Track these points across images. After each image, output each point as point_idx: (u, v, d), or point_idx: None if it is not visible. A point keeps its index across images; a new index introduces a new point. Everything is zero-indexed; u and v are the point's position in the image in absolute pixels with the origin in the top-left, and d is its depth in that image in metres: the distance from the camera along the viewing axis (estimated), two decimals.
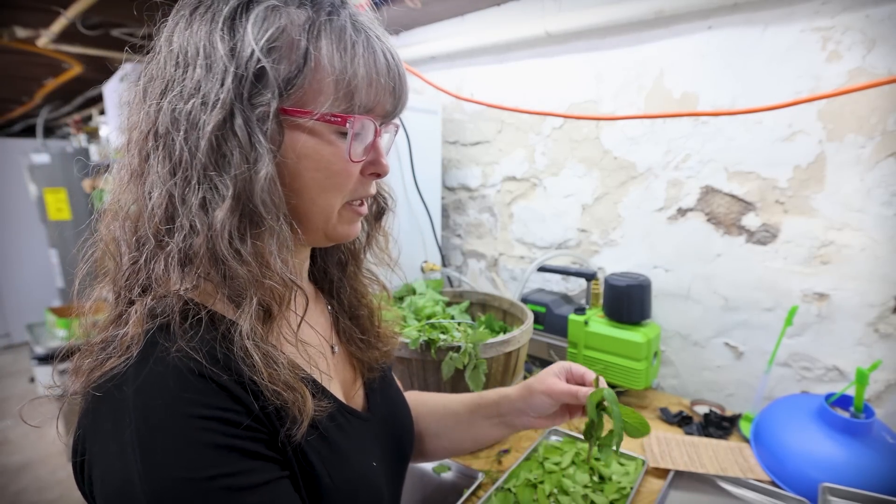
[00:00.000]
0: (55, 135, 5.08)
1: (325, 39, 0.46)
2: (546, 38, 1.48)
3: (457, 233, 1.97)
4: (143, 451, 0.39)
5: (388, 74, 0.49)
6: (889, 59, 1.01)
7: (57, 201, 3.63)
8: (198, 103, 0.44)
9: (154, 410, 0.40)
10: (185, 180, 0.44)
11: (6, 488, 2.63)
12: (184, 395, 0.41)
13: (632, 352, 1.23)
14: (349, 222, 0.55)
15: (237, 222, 0.44)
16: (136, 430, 0.40)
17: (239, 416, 0.43)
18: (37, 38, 2.04)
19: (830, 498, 0.86)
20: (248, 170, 0.44)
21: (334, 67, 0.46)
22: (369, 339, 0.69)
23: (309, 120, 0.46)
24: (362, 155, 0.51)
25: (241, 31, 0.44)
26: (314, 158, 0.48)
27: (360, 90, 0.47)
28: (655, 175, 1.37)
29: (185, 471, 0.39)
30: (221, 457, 0.41)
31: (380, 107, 0.50)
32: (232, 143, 0.44)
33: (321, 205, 0.51)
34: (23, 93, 3.38)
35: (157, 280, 0.46)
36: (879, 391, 1.11)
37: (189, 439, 0.40)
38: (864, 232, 1.08)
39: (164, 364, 0.42)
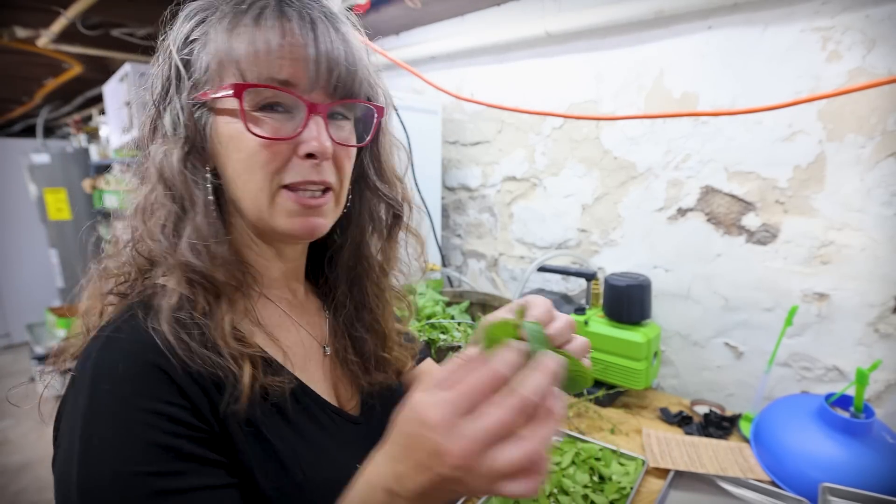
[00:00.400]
0: (55, 135, 5.08)
1: (220, 25, 0.48)
2: (546, 38, 1.48)
3: (457, 233, 1.97)
4: (84, 434, 0.40)
5: (283, 40, 0.47)
6: (889, 59, 1.01)
7: (57, 201, 3.64)
8: (148, 101, 0.51)
9: (100, 396, 0.42)
10: (139, 174, 0.52)
11: (6, 488, 2.63)
12: (131, 384, 0.42)
13: (632, 352, 1.23)
14: (291, 214, 0.51)
15: (159, 206, 0.49)
16: (83, 413, 0.41)
17: (184, 413, 0.43)
18: (37, 38, 2.05)
19: (830, 498, 0.86)
20: (161, 156, 0.49)
21: (224, 48, 0.48)
22: (367, 363, 0.65)
23: (210, 100, 0.49)
24: (290, 133, 0.49)
25: (172, 32, 0.51)
26: (236, 139, 0.49)
27: (241, 59, 0.47)
28: (655, 175, 1.37)
29: (115, 462, 0.40)
30: (154, 454, 0.41)
31: (293, 77, 0.48)
32: (159, 132, 0.51)
33: (251, 188, 0.50)
34: (23, 93, 3.38)
35: (129, 263, 0.51)
36: (879, 391, 1.11)
37: (126, 431, 0.41)
38: (864, 232, 1.08)
39: (118, 349, 0.44)
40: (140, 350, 0.44)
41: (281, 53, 0.47)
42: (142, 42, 2.14)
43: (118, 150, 2.80)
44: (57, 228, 3.69)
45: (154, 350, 0.44)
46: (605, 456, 1.01)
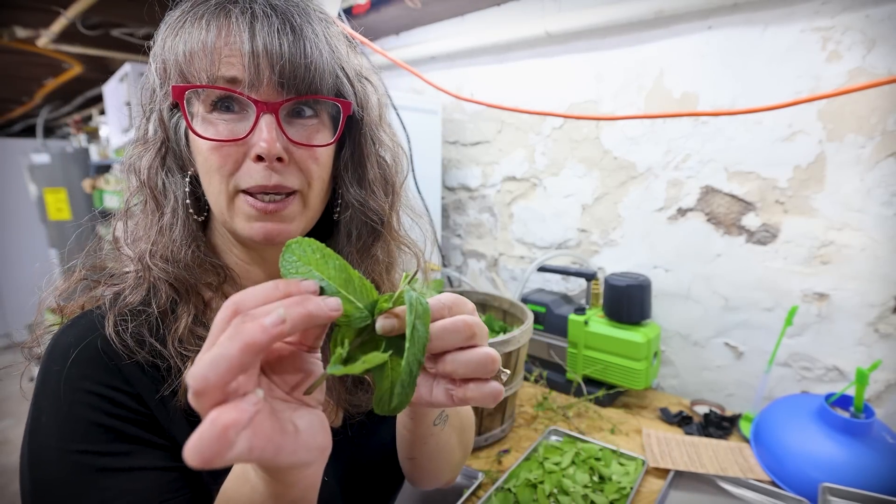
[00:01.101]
0: (55, 135, 5.08)
1: (165, 26, 0.49)
2: (546, 38, 1.48)
3: (457, 233, 1.97)
4: (34, 412, 0.44)
5: (228, 40, 0.45)
6: (889, 59, 1.01)
7: (57, 201, 3.63)
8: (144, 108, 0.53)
9: (50, 376, 0.45)
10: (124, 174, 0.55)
11: (6, 488, 2.63)
12: (79, 367, 0.45)
13: (632, 352, 1.23)
14: (247, 217, 0.49)
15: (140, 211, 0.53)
16: (35, 392, 0.45)
17: (128, 399, 0.46)
18: (37, 38, 2.04)
19: (830, 498, 0.86)
20: (137, 159, 0.52)
21: (167, 48, 0.48)
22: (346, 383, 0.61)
23: (167, 107, 0.50)
24: (241, 134, 0.46)
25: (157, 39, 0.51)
26: (194, 143, 0.50)
27: (179, 63, 0.47)
28: (655, 175, 1.37)
29: (60, 440, 0.43)
30: (97, 434, 0.43)
31: (241, 74, 0.45)
32: (143, 138, 0.53)
33: (211, 191, 0.50)
34: (23, 93, 3.38)
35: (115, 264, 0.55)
36: (879, 391, 1.11)
37: (71, 411, 0.43)
38: (864, 232, 1.08)
39: (72, 335, 0.47)
40: (92, 336, 0.46)
41: (217, 51, 0.45)
42: (142, 42, 2.14)
43: (118, 150, 2.79)
44: (57, 228, 3.69)
45: (103, 338, 0.47)
46: (605, 456, 1.01)
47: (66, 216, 3.68)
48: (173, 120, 0.51)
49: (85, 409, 0.43)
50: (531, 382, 1.40)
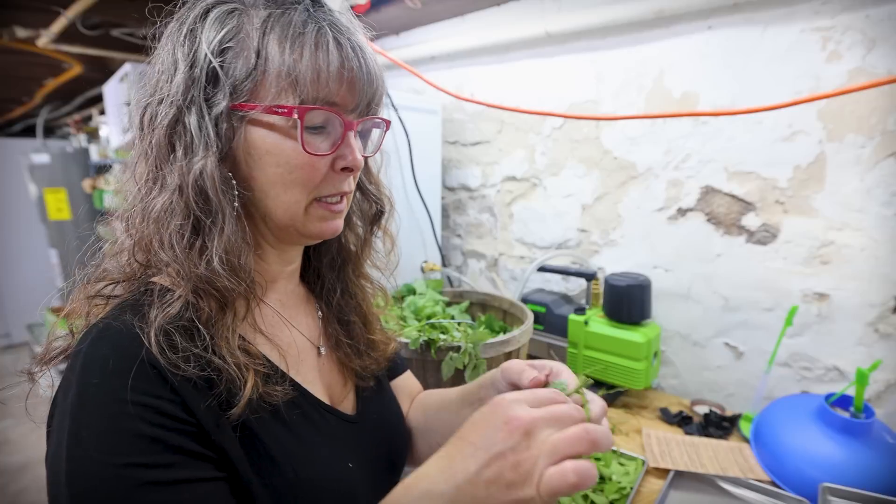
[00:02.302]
0: (55, 135, 5.08)
1: (273, 34, 0.47)
2: (546, 38, 1.48)
3: (457, 233, 1.97)
4: (72, 426, 0.41)
5: (342, 66, 0.49)
6: (889, 59, 1.01)
7: (57, 201, 3.64)
8: (160, 105, 0.48)
9: (89, 388, 0.42)
10: (146, 176, 0.49)
11: (6, 488, 2.63)
12: (120, 378, 0.42)
13: (632, 352, 1.23)
14: (322, 219, 0.54)
15: (179, 216, 0.47)
16: (72, 404, 0.42)
17: (173, 407, 0.44)
18: (37, 38, 2.04)
19: (830, 498, 0.86)
20: (187, 164, 0.47)
21: (275, 60, 0.47)
22: (358, 345, 0.68)
23: (258, 113, 0.48)
24: (329, 149, 0.51)
25: (198, 35, 0.48)
26: (275, 153, 0.49)
27: (304, 81, 0.47)
28: (655, 175, 1.37)
29: (102, 453, 0.40)
30: (142, 446, 0.41)
31: (341, 99, 0.50)
32: (182, 139, 0.48)
33: (286, 200, 0.51)
34: (23, 93, 3.38)
35: (124, 269, 0.51)
36: (879, 391, 1.11)
37: (113, 422, 0.41)
38: (864, 232, 1.08)
39: (107, 345, 0.44)
40: (129, 345, 0.44)
41: (339, 78, 0.49)
42: (142, 42, 2.14)
43: (118, 150, 2.80)
44: (57, 228, 3.69)
45: (143, 346, 0.44)
46: (605, 456, 1.01)
47: (66, 216, 3.68)
48: (234, 125, 0.48)
49: (129, 420, 0.41)
50: None
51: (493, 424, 0.42)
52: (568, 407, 0.44)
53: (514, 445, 0.40)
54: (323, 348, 0.66)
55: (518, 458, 0.40)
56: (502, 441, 0.41)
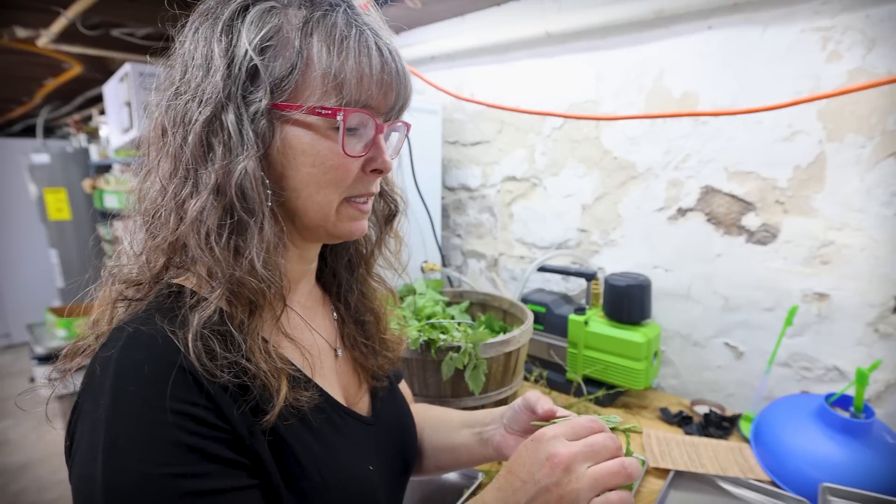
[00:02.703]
0: (55, 135, 5.08)
1: (316, 36, 0.47)
2: (546, 38, 1.48)
3: (457, 233, 1.97)
4: (108, 435, 0.40)
5: (382, 70, 0.49)
6: (889, 59, 1.01)
7: (57, 201, 3.64)
8: (193, 101, 0.46)
9: (126, 396, 0.41)
10: (177, 175, 0.47)
11: (6, 488, 2.63)
12: (157, 385, 0.41)
13: (632, 352, 1.23)
14: (352, 219, 0.55)
15: (216, 216, 0.46)
16: (107, 413, 0.40)
17: (208, 414, 0.43)
18: (37, 38, 2.05)
19: (830, 498, 0.86)
20: (227, 164, 0.46)
21: (321, 62, 0.47)
22: (374, 345, 0.69)
23: (299, 113, 0.47)
24: (362, 151, 0.51)
25: (237, 32, 0.47)
26: (310, 154, 0.49)
27: (349, 84, 0.47)
28: (655, 175, 1.37)
29: (141, 463, 0.39)
30: (181, 455, 0.41)
31: (376, 102, 0.50)
32: (220, 138, 0.46)
33: (319, 201, 0.51)
34: (23, 93, 3.38)
35: (146, 270, 0.49)
36: (879, 391, 1.11)
37: (152, 432, 0.40)
38: (864, 232, 1.08)
39: (142, 350, 0.43)
40: (164, 351, 0.43)
41: (380, 82, 0.49)
42: (142, 42, 2.14)
43: (118, 150, 2.79)
44: (57, 228, 3.69)
45: (178, 352, 0.43)
46: None
47: (66, 216, 3.68)
48: (272, 124, 0.48)
49: (167, 428, 0.41)
50: (531, 382, 1.40)
51: (537, 460, 0.46)
52: (604, 437, 0.47)
53: (558, 480, 0.44)
54: (339, 350, 0.66)
55: (562, 492, 0.44)
56: (546, 477, 0.45)
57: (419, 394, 1.07)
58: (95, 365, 0.43)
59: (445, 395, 1.06)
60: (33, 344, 2.98)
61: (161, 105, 0.49)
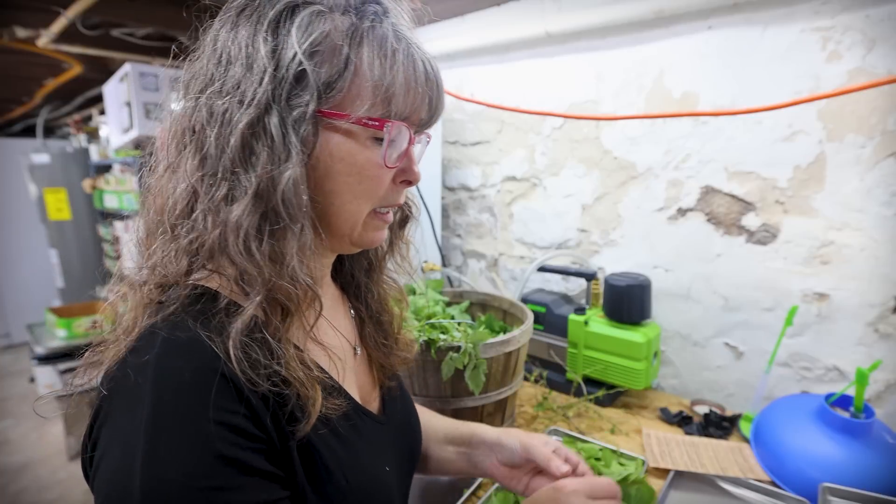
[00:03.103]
0: (55, 135, 5.08)
1: (366, 46, 0.47)
2: (546, 38, 1.48)
3: (457, 233, 1.97)
4: (147, 444, 0.39)
5: (425, 84, 0.50)
6: (889, 59, 1.01)
7: (57, 201, 3.64)
8: (234, 101, 0.45)
9: (166, 405, 0.40)
10: (211, 175, 0.45)
11: (6, 488, 2.63)
12: (199, 394, 0.40)
13: (632, 352, 1.23)
14: (375, 229, 0.55)
15: (256, 221, 0.45)
16: (146, 422, 0.39)
17: (247, 423, 0.42)
18: (37, 38, 2.05)
19: (830, 498, 0.86)
20: (273, 169, 0.44)
21: (374, 73, 0.47)
22: (391, 344, 0.69)
23: (346, 123, 0.47)
24: (395, 162, 0.51)
25: (285, 33, 0.45)
26: (348, 162, 0.49)
27: (398, 97, 0.48)
28: (655, 175, 1.37)
29: (182, 475, 0.38)
30: (220, 468, 0.40)
31: (416, 115, 0.51)
32: (263, 141, 0.45)
33: (350, 210, 0.51)
34: (23, 93, 3.39)
35: (171, 271, 0.47)
36: (879, 391, 1.11)
37: (194, 443, 0.39)
38: (865, 232, 1.08)
39: (181, 357, 0.42)
40: (205, 359, 0.42)
41: (424, 96, 0.50)
42: (142, 42, 2.14)
43: (118, 150, 2.79)
44: (57, 228, 3.69)
45: (218, 359, 0.42)
46: (605, 456, 1.01)
47: (66, 216, 3.68)
48: (317, 131, 0.47)
49: (209, 440, 0.40)
50: (531, 382, 1.40)
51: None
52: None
53: None
54: (359, 348, 0.66)
55: None
56: None
57: (419, 394, 1.07)
58: (127, 370, 0.42)
59: (445, 395, 1.06)
60: (33, 344, 2.98)
61: (188, 101, 0.48)
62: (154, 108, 2.32)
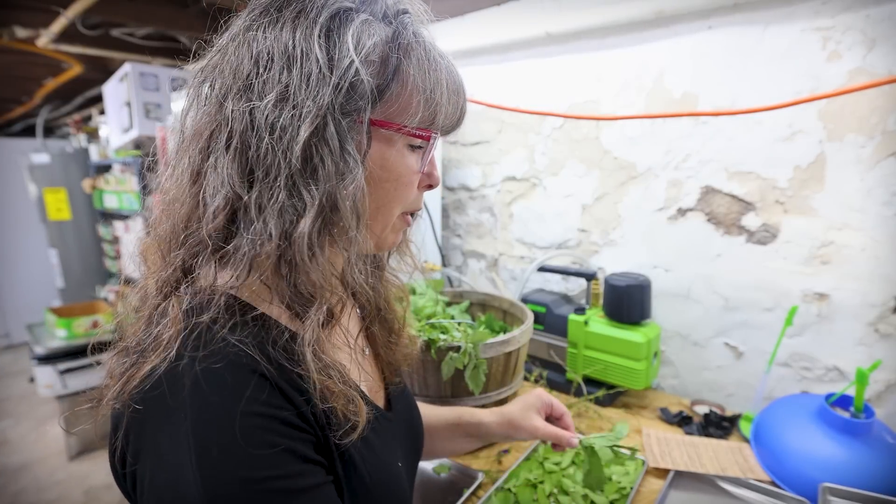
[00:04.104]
0: (55, 135, 5.09)
1: (414, 58, 0.48)
2: (546, 38, 1.48)
3: (457, 233, 1.97)
4: (198, 448, 0.38)
5: (460, 94, 0.52)
6: (889, 59, 1.01)
7: (57, 201, 3.64)
8: (289, 109, 0.43)
9: (211, 406, 0.40)
10: (266, 186, 0.43)
11: (6, 488, 2.63)
12: (242, 392, 0.41)
13: (632, 352, 1.23)
14: (396, 232, 0.56)
15: (317, 230, 0.44)
16: (192, 427, 0.39)
17: (292, 416, 0.43)
18: (37, 38, 2.05)
19: (830, 498, 0.86)
20: (338, 179, 0.44)
21: (425, 86, 0.48)
22: (395, 341, 0.70)
23: (393, 132, 0.48)
24: (422, 168, 0.53)
25: (339, 41, 0.44)
26: (389, 169, 0.50)
27: (442, 108, 0.50)
28: (655, 175, 1.37)
29: (242, 470, 0.39)
30: (277, 458, 0.40)
31: (448, 124, 0.53)
32: (323, 151, 0.43)
33: (385, 214, 0.52)
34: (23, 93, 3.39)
35: (204, 279, 0.45)
36: (879, 391, 1.11)
37: (245, 438, 0.39)
38: (865, 232, 1.08)
39: (219, 359, 0.41)
40: (241, 361, 0.42)
41: (460, 109, 0.53)
42: (142, 42, 2.14)
43: (118, 150, 2.79)
44: (57, 228, 3.69)
45: (257, 362, 0.42)
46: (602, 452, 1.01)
47: (66, 216, 3.68)
48: (370, 140, 0.47)
49: (264, 433, 0.40)
50: (531, 382, 1.40)
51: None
52: None
53: None
54: (367, 349, 0.68)
55: None
56: None
57: (419, 394, 1.07)
58: (160, 379, 0.41)
59: (445, 395, 1.06)
60: (33, 344, 2.98)
61: (210, 103, 0.46)
62: (154, 108, 2.32)
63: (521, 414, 0.77)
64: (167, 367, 0.41)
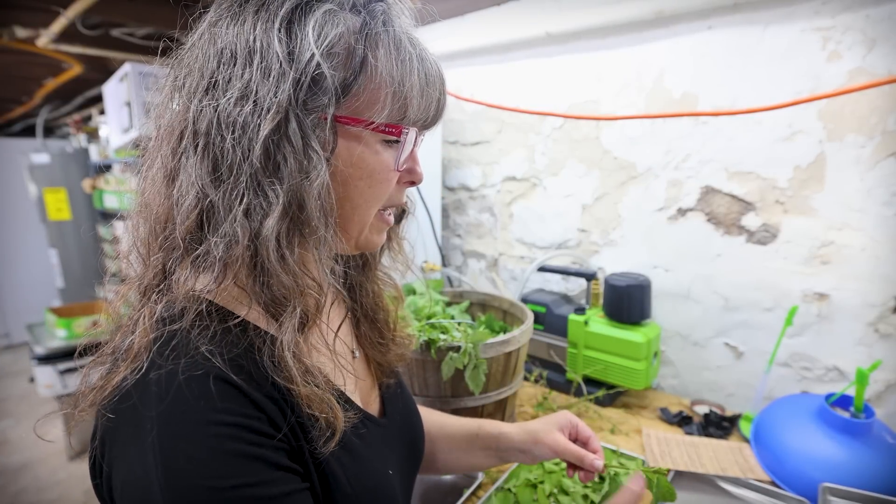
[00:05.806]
0: (55, 135, 5.08)
1: (382, 49, 0.45)
2: (546, 38, 1.48)
3: (457, 233, 1.97)
4: (164, 458, 0.38)
5: (435, 86, 0.50)
6: (889, 59, 1.01)
7: (57, 201, 3.64)
8: (248, 104, 0.42)
9: (176, 416, 0.39)
10: (231, 185, 0.42)
11: (6, 488, 2.63)
12: (207, 401, 0.40)
13: (632, 352, 1.23)
14: (378, 231, 0.54)
15: (285, 230, 0.43)
16: (158, 437, 0.38)
17: (262, 424, 0.42)
18: (37, 38, 2.05)
19: (830, 498, 0.86)
20: (302, 177, 0.42)
21: (392, 78, 0.45)
22: (387, 342, 0.69)
23: (360, 128, 0.46)
24: (402, 164, 0.51)
25: (300, 33, 0.43)
26: (360, 167, 0.47)
27: (413, 102, 0.47)
28: (655, 175, 1.37)
29: (207, 479, 0.38)
30: (245, 466, 0.40)
31: (425, 117, 0.51)
32: (286, 149, 0.42)
33: (361, 213, 0.50)
34: (23, 93, 3.38)
35: (179, 285, 0.44)
36: (879, 391, 1.11)
37: (212, 447, 0.39)
38: (865, 232, 1.08)
39: (188, 369, 0.40)
40: (210, 370, 0.41)
41: (436, 102, 0.51)
42: (142, 42, 2.14)
43: (118, 150, 2.79)
44: (57, 228, 3.69)
45: (225, 370, 0.41)
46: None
47: (66, 216, 3.68)
48: (334, 136, 0.45)
49: (230, 442, 0.39)
50: (531, 382, 1.40)
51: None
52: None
53: None
54: (356, 351, 0.66)
55: None
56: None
57: (419, 394, 1.07)
58: (129, 389, 0.40)
59: (445, 395, 1.06)
60: (33, 344, 2.98)
61: (181, 100, 0.44)
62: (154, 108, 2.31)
63: (544, 428, 0.74)
64: (138, 378, 0.41)
